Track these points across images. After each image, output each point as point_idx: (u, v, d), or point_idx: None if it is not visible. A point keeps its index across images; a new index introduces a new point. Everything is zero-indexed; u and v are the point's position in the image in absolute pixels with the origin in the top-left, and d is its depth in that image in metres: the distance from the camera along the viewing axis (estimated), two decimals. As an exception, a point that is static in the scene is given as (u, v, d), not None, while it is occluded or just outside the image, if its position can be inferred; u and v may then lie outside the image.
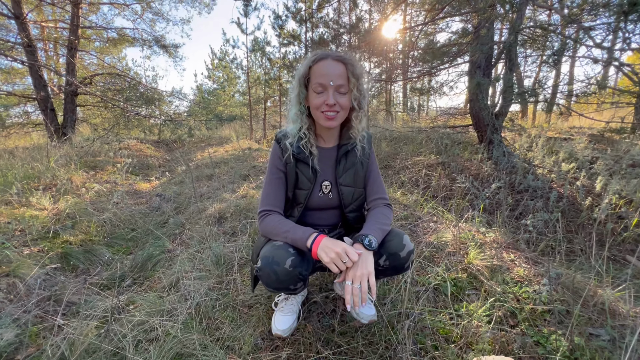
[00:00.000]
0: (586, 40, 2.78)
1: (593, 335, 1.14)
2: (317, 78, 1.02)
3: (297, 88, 1.07)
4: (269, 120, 9.24)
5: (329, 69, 1.01)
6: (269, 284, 1.00)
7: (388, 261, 1.04)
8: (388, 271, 1.08)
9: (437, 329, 1.21)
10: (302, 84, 1.06)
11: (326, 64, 1.02)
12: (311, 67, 1.03)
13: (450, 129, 5.12)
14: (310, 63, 1.03)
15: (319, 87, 1.02)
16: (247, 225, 2.20)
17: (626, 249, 2.04)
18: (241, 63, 10.71)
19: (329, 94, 1.02)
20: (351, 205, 1.19)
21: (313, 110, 1.07)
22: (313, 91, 1.04)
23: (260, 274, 1.00)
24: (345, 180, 1.15)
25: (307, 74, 1.04)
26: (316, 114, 1.07)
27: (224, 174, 3.77)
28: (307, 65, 1.04)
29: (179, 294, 1.51)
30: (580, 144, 4.10)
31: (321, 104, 1.03)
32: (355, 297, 0.89)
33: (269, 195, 1.12)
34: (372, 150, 1.22)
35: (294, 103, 1.09)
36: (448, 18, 4.80)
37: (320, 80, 1.01)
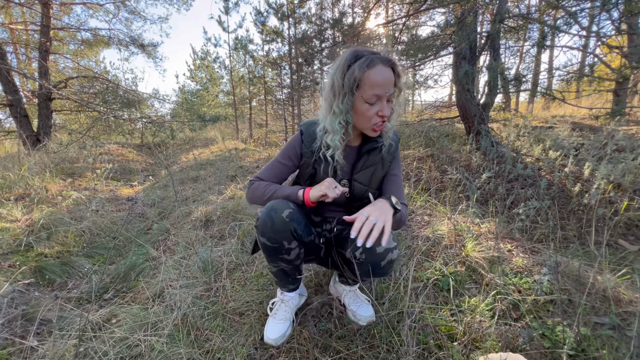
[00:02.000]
0: (568, 28, 2.79)
1: (598, 324, 1.11)
2: (372, 88, 0.90)
3: (346, 95, 0.92)
4: (255, 120, 9.09)
5: (383, 76, 0.90)
6: (265, 233, 0.96)
7: (364, 254, 0.92)
8: (363, 266, 0.94)
9: (439, 326, 1.16)
10: (351, 89, 0.91)
11: (380, 70, 0.89)
12: (364, 71, 0.89)
13: (437, 122, 5.12)
14: (364, 67, 0.89)
15: (374, 98, 0.91)
16: (235, 228, 2.11)
17: (618, 232, 2.05)
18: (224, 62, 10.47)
19: (383, 105, 0.93)
20: (359, 203, 1.10)
21: (361, 120, 0.96)
22: (365, 101, 0.92)
23: (258, 224, 0.98)
24: (360, 177, 1.07)
25: (359, 78, 0.90)
26: (364, 124, 0.97)
27: (209, 175, 3.64)
28: (360, 71, 0.89)
29: (164, 305, 1.41)
30: (564, 131, 4.16)
31: (373, 115, 0.94)
32: (366, 228, 0.83)
33: (266, 172, 1.12)
34: (399, 152, 1.13)
35: (338, 112, 0.95)
36: (431, 10, 4.78)
37: (377, 92, 0.90)
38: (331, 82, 0.95)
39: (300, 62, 6.56)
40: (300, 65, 6.57)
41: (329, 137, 0.99)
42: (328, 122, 0.98)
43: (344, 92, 0.92)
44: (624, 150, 2.93)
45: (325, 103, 0.99)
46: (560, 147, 3.36)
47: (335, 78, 0.94)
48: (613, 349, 0.99)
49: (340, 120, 0.95)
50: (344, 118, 0.95)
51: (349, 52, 0.94)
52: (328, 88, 0.97)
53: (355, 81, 0.89)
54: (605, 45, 3.28)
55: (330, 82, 0.96)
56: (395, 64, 0.93)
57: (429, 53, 4.69)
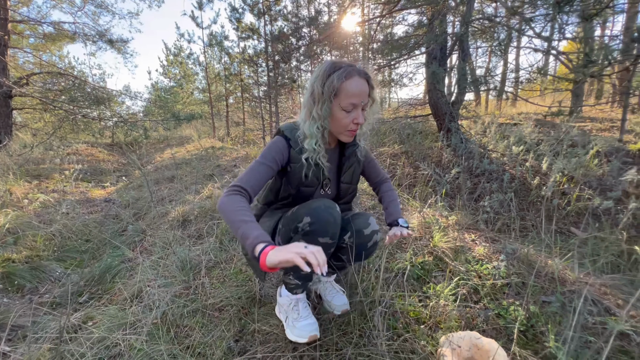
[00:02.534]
0: (527, 30, 2.98)
1: (546, 303, 1.24)
2: (349, 97, 0.99)
3: (325, 103, 1.00)
4: (232, 118, 8.96)
5: (359, 87, 0.99)
6: (328, 231, 1.00)
7: (352, 238, 1.10)
8: (351, 249, 1.12)
9: (407, 312, 1.25)
10: (329, 98, 1.00)
11: (356, 82, 0.99)
12: (342, 82, 0.98)
13: (411, 119, 5.29)
14: (342, 78, 0.98)
15: (350, 107, 1.00)
16: (213, 227, 2.13)
17: (570, 221, 2.25)
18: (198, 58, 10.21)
19: (358, 113, 1.02)
20: (345, 199, 1.25)
21: (337, 126, 1.05)
22: (342, 109, 1.01)
23: (315, 226, 0.99)
24: (345, 178, 1.19)
25: (337, 88, 0.99)
26: (339, 130, 1.06)
27: (186, 175, 3.60)
28: (339, 81, 0.98)
29: (143, 305, 1.42)
30: (528, 128, 4.43)
31: (349, 123, 1.03)
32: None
33: (249, 176, 1.01)
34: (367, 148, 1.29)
35: (317, 117, 1.02)
36: (404, 11, 4.92)
37: (354, 101, 0.99)
38: (311, 90, 1.03)
39: (277, 59, 6.55)
40: (277, 62, 6.56)
41: (306, 142, 1.04)
42: (307, 126, 1.04)
43: (324, 99, 1.00)
44: (577, 146, 3.19)
45: (305, 109, 1.06)
46: (522, 143, 3.59)
47: (315, 86, 1.01)
48: (557, 323, 1.12)
49: (319, 125, 1.02)
50: (322, 123, 1.03)
51: (327, 63, 1.02)
52: (308, 95, 1.05)
53: (334, 90, 0.98)
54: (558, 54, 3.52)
55: (311, 89, 1.03)
56: (370, 76, 1.03)
57: (403, 52, 4.84)
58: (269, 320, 1.27)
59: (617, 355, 1.01)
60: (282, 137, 1.08)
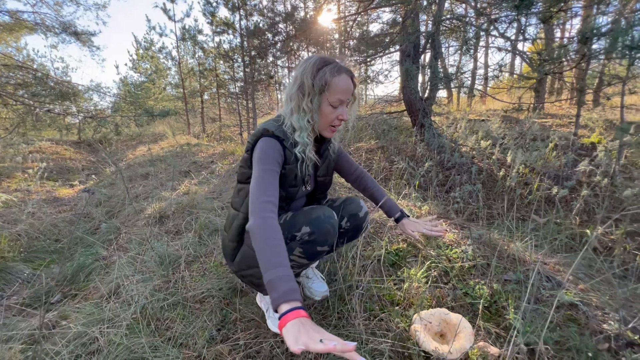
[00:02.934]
0: (493, 30, 3.16)
1: (507, 281, 1.36)
2: (337, 93, 1.00)
3: (312, 95, 1.00)
4: (207, 114, 8.76)
5: (347, 83, 1.02)
6: (327, 240, 1.02)
7: (349, 222, 1.17)
8: (349, 232, 1.19)
9: (383, 295, 1.32)
10: (318, 92, 1.00)
11: (344, 78, 1.01)
12: (335, 77, 1.00)
13: (386, 115, 5.43)
14: (334, 73, 0.99)
15: (338, 102, 1.02)
16: (192, 222, 2.11)
17: (531, 209, 2.43)
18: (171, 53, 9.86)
19: (343, 109, 1.04)
20: (322, 190, 1.29)
21: (323, 120, 1.05)
22: (329, 104, 1.02)
23: (315, 236, 1.00)
24: (321, 172, 1.22)
25: (327, 83, 1.00)
26: (324, 125, 1.07)
27: (160, 172, 3.52)
28: (329, 76, 0.99)
29: (121, 300, 1.40)
30: (495, 124, 4.68)
31: (334, 119, 1.05)
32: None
33: (265, 188, 0.92)
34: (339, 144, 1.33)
35: (307, 110, 1.02)
36: (379, 9, 5.02)
37: (342, 96, 1.01)
38: (300, 82, 1.01)
39: (253, 55, 6.48)
40: (253, 58, 6.49)
41: (297, 134, 1.03)
42: (295, 119, 1.03)
43: (314, 92, 1.00)
44: (538, 140, 3.42)
45: (292, 102, 1.04)
46: (490, 137, 3.80)
47: (304, 78, 1.00)
48: (516, 298, 1.23)
49: (309, 118, 1.03)
50: (312, 117, 1.03)
51: (316, 57, 1.03)
52: (295, 88, 1.02)
53: (326, 84, 0.99)
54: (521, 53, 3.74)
55: (299, 82, 1.01)
56: (354, 75, 1.06)
57: (379, 49, 4.94)
58: (250, 309, 1.30)
59: (566, 323, 1.13)
60: (272, 138, 1.01)
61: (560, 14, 2.20)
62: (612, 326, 1.09)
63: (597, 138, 3.45)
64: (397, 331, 1.10)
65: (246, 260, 1.08)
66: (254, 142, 1.02)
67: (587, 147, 3.28)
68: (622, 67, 3.22)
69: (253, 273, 1.09)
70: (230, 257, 1.14)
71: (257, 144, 1.01)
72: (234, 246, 1.12)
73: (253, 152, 1.02)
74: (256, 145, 1.01)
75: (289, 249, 1.03)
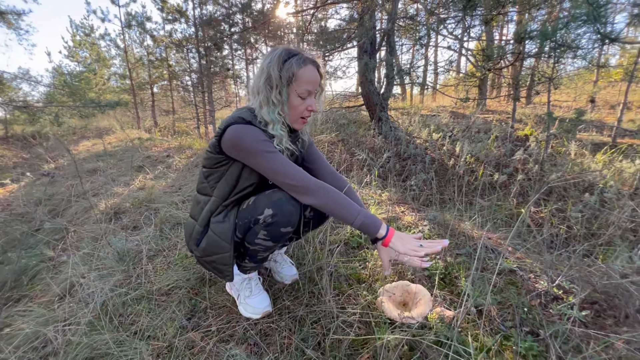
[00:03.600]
0: (443, 29, 3.40)
1: (459, 254, 1.51)
2: (305, 84, 1.01)
3: (283, 88, 1.01)
4: (159, 107, 8.24)
5: (314, 75, 1.03)
6: (291, 221, 1.01)
7: (312, 212, 1.17)
8: (313, 220, 1.20)
9: (350, 274, 1.40)
10: (286, 84, 1.01)
11: (311, 69, 1.02)
12: (299, 68, 1.00)
13: (345, 110, 5.57)
14: (300, 64, 1.00)
15: (306, 93, 1.02)
16: (150, 217, 2.02)
17: (477, 193, 2.69)
18: (115, 40, 9.06)
19: (312, 100, 1.04)
20: None
21: (292, 112, 1.05)
22: (298, 95, 1.02)
23: (277, 217, 0.99)
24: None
25: (294, 74, 1.00)
26: (294, 117, 1.06)
27: (110, 167, 3.28)
28: (296, 67, 1.00)
29: (77, 299, 1.32)
30: (444, 119, 5.05)
31: (304, 110, 1.05)
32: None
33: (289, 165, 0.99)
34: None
35: (277, 102, 1.02)
36: (337, 4, 5.11)
37: (310, 87, 1.02)
38: (267, 75, 1.01)
39: (208, 45, 6.22)
40: (209, 49, 6.23)
41: (271, 127, 1.03)
42: (265, 112, 1.02)
43: (282, 84, 1.00)
44: (481, 132, 3.77)
45: (260, 95, 1.03)
46: (441, 130, 4.09)
47: (271, 70, 1.00)
48: (465, 269, 1.38)
49: (279, 110, 1.03)
50: (282, 108, 1.03)
51: (282, 49, 1.03)
52: (262, 80, 1.02)
53: (293, 75, 1.00)
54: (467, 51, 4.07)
55: (266, 74, 1.01)
56: (320, 65, 1.07)
57: (337, 45, 5.04)
58: (220, 296, 1.30)
59: (507, 286, 1.30)
60: (249, 124, 1.01)
61: (499, 17, 2.45)
62: (542, 285, 1.27)
63: (530, 131, 3.89)
64: (365, 303, 1.18)
65: (211, 246, 1.08)
66: (226, 127, 1.00)
67: (522, 139, 3.69)
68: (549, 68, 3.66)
69: (216, 259, 1.09)
70: (195, 242, 1.12)
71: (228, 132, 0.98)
72: (201, 231, 1.11)
73: (224, 139, 1.00)
74: (234, 132, 0.98)
75: (253, 232, 1.04)
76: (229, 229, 1.06)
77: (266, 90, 1.02)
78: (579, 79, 6.70)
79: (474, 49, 8.45)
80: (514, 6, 2.82)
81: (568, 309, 1.14)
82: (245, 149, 0.97)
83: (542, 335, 1.06)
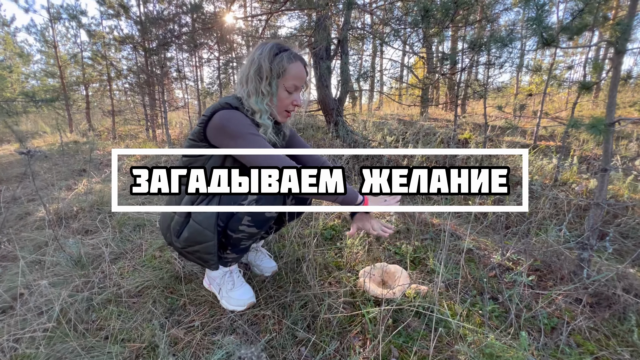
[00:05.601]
0: (393, 42, 3.69)
1: (424, 239, 1.65)
2: (294, 79, 1.05)
3: (271, 79, 1.03)
4: (99, 107, 7.45)
5: (302, 71, 1.06)
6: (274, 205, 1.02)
7: (294, 200, 1.19)
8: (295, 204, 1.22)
9: (329, 262, 1.45)
10: (277, 77, 1.04)
11: (299, 66, 1.06)
12: (292, 63, 1.04)
13: (302, 114, 5.67)
14: (291, 59, 1.04)
15: (293, 88, 1.06)
16: (105, 220, 1.85)
17: (430, 189, 2.93)
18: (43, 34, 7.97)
19: (298, 95, 1.08)
20: None
21: (279, 105, 1.08)
22: (285, 89, 1.05)
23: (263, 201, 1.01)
24: None
25: (285, 68, 1.03)
26: (279, 110, 1.09)
27: (45, 171, 2.90)
28: (287, 62, 1.03)
29: (27, 308, 1.16)
30: (394, 124, 5.41)
31: (289, 104, 1.08)
32: None
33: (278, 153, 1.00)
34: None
35: (266, 93, 1.04)
36: (291, 11, 5.21)
37: (297, 83, 1.06)
38: (257, 65, 1.03)
39: (153, 46, 5.86)
40: (154, 49, 5.87)
41: (258, 116, 1.04)
42: (253, 101, 1.04)
43: (272, 76, 1.03)
44: (429, 135, 4.13)
45: (249, 85, 1.04)
46: (393, 134, 4.38)
47: (262, 61, 1.02)
48: (432, 250, 1.52)
49: (267, 101, 1.05)
50: (270, 99, 1.06)
51: (272, 43, 1.06)
52: (252, 70, 1.03)
53: (284, 69, 1.03)
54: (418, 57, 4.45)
55: (257, 65, 1.03)
56: (307, 63, 1.12)
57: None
58: (198, 292, 1.26)
59: (467, 263, 1.47)
60: (235, 109, 1.02)
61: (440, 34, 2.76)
62: (496, 259, 1.46)
63: (468, 135, 4.37)
64: (349, 285, 1.24)
65: (194, 235, 1.05)
66: (212, 114, 0.99)
67: (462, 141, 4.12)
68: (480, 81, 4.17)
69: (200, 249, 1.06)
70: (176, 233, 1.08)
71: (216, 116, 0.98)
72: (182, 221, 1.07)
73: (209, 125, 1.00)
74: (220, 118, 0.97)
75: (236, 219, 1.04)
76: (212, 217, 1.04)
77: (256, 81, 1.04)
78: (504, 92, 7.70)
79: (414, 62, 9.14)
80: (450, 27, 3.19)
81: (518, 276, 1.32)
82: (231, 132, 0.97)
83: (500, 299, 1.22)
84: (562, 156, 3.10)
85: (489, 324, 1.07)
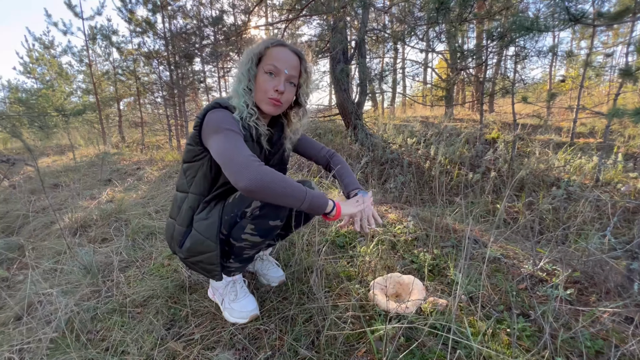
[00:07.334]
0: (411, 41, 3.56)
1: (444, 247, 1.52)
2: (272, 60, 0.99)
3: (248, 63, 1.00)
4: (128, 119, 7.86)
5: (286, 56, 1.00)
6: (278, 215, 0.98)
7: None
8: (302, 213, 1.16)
9: (339, 272, 1.36)
10: (254, 61, 1.00)
11: (284, 51, 1.01)
12: (268, 48, 1.00)
13: (321, 119, 5.63)
14: (269, 44, 1.00)
15: (273, 68, 0.98)
16: (121, 228, 1.88)
17: (454, 192, 2.76)
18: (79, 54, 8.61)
19: (280, 80, 0.99)
20: None
21: (259, 92, 1.01)
22: (264, 72, 0.99)
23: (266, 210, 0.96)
24: (275, 161, 1.15)
25: (262, 53, 1.00)
26: (260, 97, 1.01)
27: (74, 182, 3.05)
28: (264, 46, 1.00)
29: (36, 318, 1.17)
30: (416, 127, 5.23)
31: (270, 89, 0.99)
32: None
33: (241, 145, 0.88)
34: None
35: (243, 78, 1.00)
36: (310, 17, 5.22)
37: (276, 63, 0.98)
38: (244, 55, 1.03)
39: (178, 59, 6.10)
40: (179, 63, 6.11)
41: (234, 101, 1.01)
42: (233, 89, 1.03)
43: (253, 61, 1.00)
44: (452, 136, 3.93)
45: (235, 77, 1.04)
46: (414, 136, 4.22)
47: (248, 50, 1.02)
48: (453, 259, 1.39)
49: (244, 85, 1.00)
50: (249, 85, 1.01)
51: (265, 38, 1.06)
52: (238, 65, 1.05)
53: (264, 50, 1.00)
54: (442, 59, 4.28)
55: (244, 55, 1.03)
56: (301, 53, 1.05)
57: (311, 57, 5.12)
58: (202, 303, 1.21)
59: (494, 273, 1.32)
60: (224, 110, 0.97)
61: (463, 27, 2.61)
62: (527, 269, 1.30)
63: (496, 134, 4.11)
64: (357, 298, 1.15)
65: (196, 246, 1.01)
66: (204, 115, 0.96)
67: (490, 142, 3.88)
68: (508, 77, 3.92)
69: (203, 259, 1.02)
70: (178, 243, 1.05)
71: (207, 116, 0.96)
72: (183, 231, 1.04)
73: (202, 127, 0.96)
74: (207, 117, 0.95)
75: (239, 227, 0.99)
76: (214, 226, 0.99)
77: (238, 72, 1.03)
78: (535, 87, 7.24)
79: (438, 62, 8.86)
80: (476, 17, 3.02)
81: (553, 289, 1.16)
82: (211, 127, 0.93)
83: (532, 316, 1.07)
84: (604, 154, 2.81)
85: (517, 345, 0.93)
